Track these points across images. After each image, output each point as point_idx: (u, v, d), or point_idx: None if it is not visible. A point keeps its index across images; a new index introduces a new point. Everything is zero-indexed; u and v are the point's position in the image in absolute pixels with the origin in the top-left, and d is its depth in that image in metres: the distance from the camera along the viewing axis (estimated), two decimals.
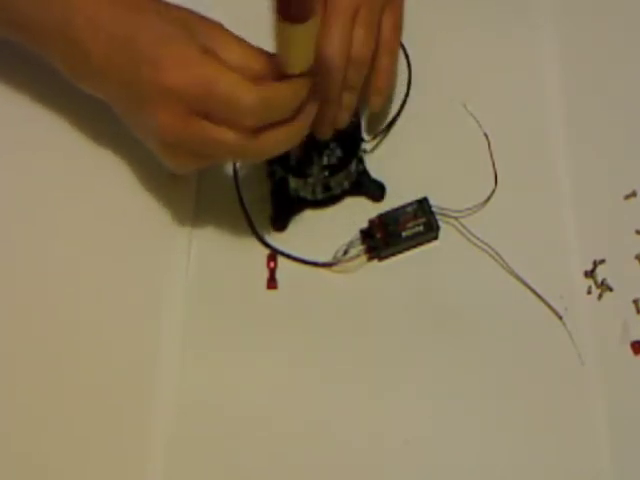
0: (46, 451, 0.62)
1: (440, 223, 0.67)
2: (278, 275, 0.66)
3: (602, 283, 0.66)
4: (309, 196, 0.67)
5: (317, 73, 0.59)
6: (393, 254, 0.67)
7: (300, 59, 0.57)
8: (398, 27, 0.68)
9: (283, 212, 0.68)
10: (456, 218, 0.67)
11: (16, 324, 0.65)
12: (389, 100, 0.71)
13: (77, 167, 0.69)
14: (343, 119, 0.65)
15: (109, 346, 0.64)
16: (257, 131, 0.58)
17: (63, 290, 0.66)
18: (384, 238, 0.66)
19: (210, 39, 0.58)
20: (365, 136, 0.69)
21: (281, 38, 0.56)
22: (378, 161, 0.69)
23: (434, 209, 0.67)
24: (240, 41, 0.59)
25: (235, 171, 0.68)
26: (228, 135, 0.57)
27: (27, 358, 0.64)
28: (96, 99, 0.64)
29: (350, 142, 0.67)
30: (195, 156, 0.60)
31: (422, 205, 0.67)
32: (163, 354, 0.64)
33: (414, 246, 0.67)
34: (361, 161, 0.68)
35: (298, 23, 0.54)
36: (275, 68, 0.58)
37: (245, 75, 0.57)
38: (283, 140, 0.59)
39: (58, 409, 0.63)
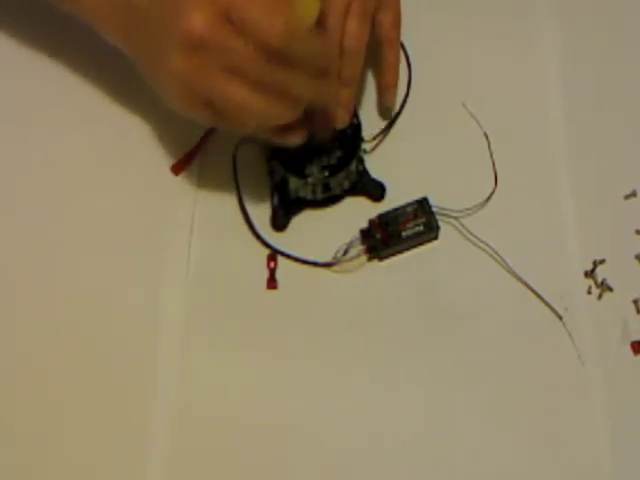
0: (46, 451, 0.62)
1: (440, 223, 0.67)
2: (278, 275, 0.66)
3: (602, 283, 0.66)
4: (309, 196, 0.67)
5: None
6: (393, 254, 0.67)
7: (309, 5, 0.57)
8: (398, 23, 0.68)
9: (283, 212, 0.68)
10: (456, 218, 0.67)
11: (12, 325, 0.65)
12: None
13: (77, 167, 0.70)
14: (343, 118, 0.65)
15: (108, 346, 0.64)
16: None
17: (62, 292, 0.66)
18: (384, 238, 0.66)
19: None
20: (365, 136, 0.69)
21: None
22: (378, 161, 0.69)
23: (434, 209, 0.67)
24: None
25: (235, 171, 0.68)
26: (250, 51, 0.56)
27: (23, 358, 0.64)
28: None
29: (350, 142, 0.67)
30: (211, 82, 0.58)
31: (422, 205, 0.67)
32: (163, 354, 0.64)
33: (414, 246, 0.67)
34: (361, 161, 0.68)
35: None
36: None
37: None
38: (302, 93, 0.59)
39: (57, 408, 0.63)
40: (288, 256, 0.66)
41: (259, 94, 0.58)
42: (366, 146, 0.69)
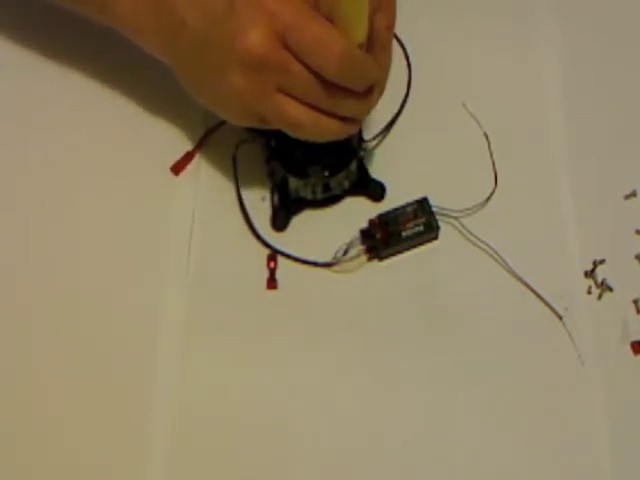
0: (46, 451, 0.62)
1: (440, 223, 0.67)
2: (278, 275, 0.66)
3: (602, 283, 0.66)
4: (309, 196, 0.67)
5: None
6: (393, 254, 0.67)
7: (356, 22, 0.58)
8: (393, 27, 0.68)
9: (283, 212, 0.68)
10: (456, 218, 0.67)
11: (12, 325, 0.65)
12: (389, 100, 0.71)
13: (77, 167, 0.70)
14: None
15: (108, 346, 0.64)
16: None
17: (62, 292, 0.66)
18: (384, 238, 0.66)
19: None
20: (365, 136, 0.69)
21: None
22: (378, 161, 0.69)
23: (434, 209, 0.67)
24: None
25: (235, 171, 0.68)
26: (305, 74, 0.57)
27: (23, 358, 0.64)
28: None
29: (350, 142, 0.67)
30: (266, 100, 0.59)
31: (422, 205, 0.67)
32: (163, 354, 0.64)
33: (414, 246, 0.67)
34: (361, 161, 0.68)
35: None
36: None
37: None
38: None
39: (57, 408, 0.63)
40: (288, 256, 0.66)
41: (313, 113, 0.59)
42: (366, 146, 0.69)
